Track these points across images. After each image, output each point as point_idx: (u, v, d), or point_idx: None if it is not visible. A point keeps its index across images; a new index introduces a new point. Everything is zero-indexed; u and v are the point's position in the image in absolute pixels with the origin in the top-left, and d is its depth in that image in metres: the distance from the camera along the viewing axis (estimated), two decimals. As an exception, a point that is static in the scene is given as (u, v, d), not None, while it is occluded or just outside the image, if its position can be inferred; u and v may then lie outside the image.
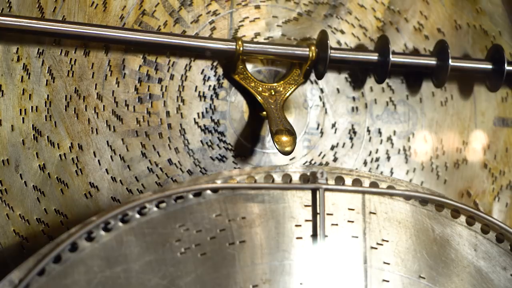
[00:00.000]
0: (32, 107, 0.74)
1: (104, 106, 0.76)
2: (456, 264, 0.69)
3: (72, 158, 0.75)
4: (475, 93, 0.84)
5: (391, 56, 0.79)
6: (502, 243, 0.70)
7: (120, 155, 0.76)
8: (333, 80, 0.81)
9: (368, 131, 0.82)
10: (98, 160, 0.76)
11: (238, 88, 0.79)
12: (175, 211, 0.65)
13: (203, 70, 0.78)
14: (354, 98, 0.82)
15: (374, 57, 0.80)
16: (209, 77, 0.78)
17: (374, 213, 0.69)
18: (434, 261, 0.69)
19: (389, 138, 0.83)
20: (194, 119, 0.78)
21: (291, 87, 0.79)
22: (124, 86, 0.76)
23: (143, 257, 0.64)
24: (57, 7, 0.75)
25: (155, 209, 0.65)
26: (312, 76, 0.80)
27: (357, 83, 0.82)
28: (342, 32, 0.82)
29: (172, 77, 0.77)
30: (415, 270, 0.68)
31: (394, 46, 0.82)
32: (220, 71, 0.78)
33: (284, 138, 0.75)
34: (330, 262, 0.67)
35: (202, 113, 0.78)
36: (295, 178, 0.68)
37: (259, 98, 0.78)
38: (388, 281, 0.68)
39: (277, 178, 0.68)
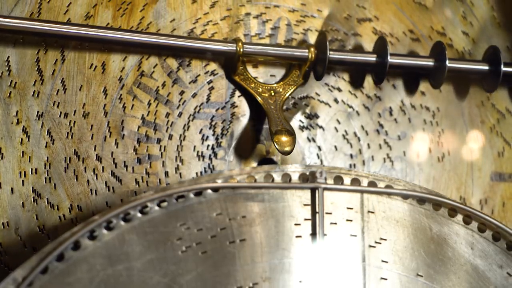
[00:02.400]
0: (31, 169, 0.74)
1: (103, 167, 0.76)
2: (453, 262, 0.69)
3: (72, 219, 0.75)
4: (472, 148, 0.85)
5: (389, 57, 0.80)
6: (499, 242, 0.71)
7: (119, 216, 0.75)
8: (331, 138, 0.81)
9: None
10: None
11: (239, 88, 0.80)
12: (176, 210, 0.66)
13: (201, 129, 0.78)
14: (351, 156, 0.82)
15: (372, 58, 0.81)
16: (207, 137, 0.78)
17: (373, 212, 0.69)
18: (431, 260, 0.69)
19: None
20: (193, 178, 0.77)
21: (290, 87, 0.80)
22: (123, 147, 0.76)
23: (145, 255, 0.64)
24: (56, 69, 0.75)
25: (156, 208, 0.65)
26: (310, 134, 0.80)
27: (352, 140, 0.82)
28: (339, 89, 0.82)
29: (170, 137, 0.77)
30: (413, 268, 0.69)
31: (391, 103, 0.83)
32: (218, 130, 0.78)
33: (284, 138, 0.75)
34: (329, 260, 0.67)
35: (201, 172, 0.78)
36: (295, 177, 0.69)
37: (259, 98, 0.78)
38: (386, 279, 0.68)
39: (277, 177, 0.68)
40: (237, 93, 0.79)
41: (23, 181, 0.74)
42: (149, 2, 0.78)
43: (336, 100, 0.82)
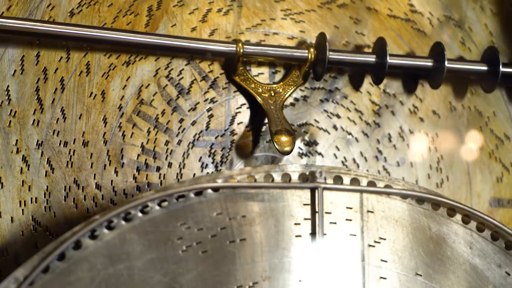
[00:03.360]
0: (31, 198, 0.74)
1: (103, 195, 0.75)
2: (452, 261, 0.70)
3: None
4: (470, 174, 0.85)
5: (388, 57, 0.80)
6: (497, 241, 0.71)
7: (119, 244, 0.75)
8: (330, 164, 0.80)
9: None
10: None
11: (239, 89, 0.80)
12: (177, 209, 0.66)
13: (200, 157, 0.78)
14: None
15: (371, 58, 0.81)
16: (206, 165, 0.78)
17: (372, 212, 0.69)
18: (430, 259, 0.69)
19: None
20: (192, 206, 0.77)
21: (290, 88, 0.80)
22: (123, 175, 0.76)
23: (146, 254, 0.64)
24: (55, 98, 0.75)
25: (157, 207, 0.66)
26: (309, 161, 0.80)
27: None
28: (338, 116, 0.82)
29: (170, 165, 0.77)
30: (412, 267, 0.69)
31: (389, 130, 0.83)
32: (218, 158, 0.78)
33: (284, 138, 0.76)
34: (329, 259, 0.68)
35: None
36: (294, 177, 0.69)
37: (259, 99, 0.79)
38: (385, 278, 0.68)
39: (277, 177, 0.69)
40: (237, 120, 0.79)
41: (23, 210, 0.74)
42: (149, 31, 0.78)
43: (335, 127, 0.82)
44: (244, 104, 0.80)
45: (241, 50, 0.77)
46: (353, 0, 0.83)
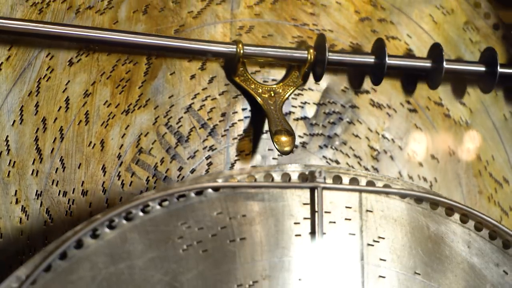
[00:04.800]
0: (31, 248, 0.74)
1: None
2: (450, 260, 0.70)
3: None
4: None
5: (387, 58, 0.81)
6: (495, 240, 0.71)
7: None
8: None
9: None
10: None
11: (239, 89, 0.80)
12: (178, 209, 0.66)
13: None
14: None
15: (370, 59, 0.81)
16: None
17: (371, 211, 0.70)
18: (429, 258, 0.70)
19: None
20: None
21: (290, 88, 0.80)
22: None
23: (146, 253, 0.65)
24: (54, 148, 0.75)
25: (158, 207, 0.66)
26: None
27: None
28: (337, 162, 0.82)
29: None
30: (411, 266, 0.69)
31: (388, 174, 0.83)
32: None
33: (284, 138, 0.76)
34: (328, 258, 0.68)
35: None
36: (294, 177, 0.69)
37: (259, 99, 0.79)
38: (384, 277, 0.69)
39: (277, 177, 0.69)
40: (236, 167, 0.79)
41: (21, 260, 0.74)
42: (148, 79, 0.78)
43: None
44: (243, 151, 0.79)
45: (241, 51, 0.78)
46: (351, 46, 0.83)
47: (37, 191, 0.75)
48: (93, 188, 0.76)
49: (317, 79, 0.81)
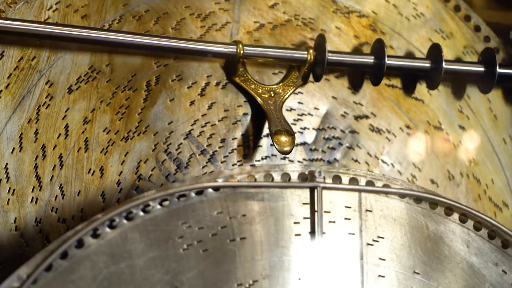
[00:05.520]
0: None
1: None
2: (450, 260, 0.70)
3: None
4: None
5: (386, 58, 0.81)
6: (494, 240, 0.71)
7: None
8: None
9: None
10: None
11: (239, 89, 0.80)
12: (178, 208, 0.66)
13: None
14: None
15: (370, 59, 0.82)
16: None
17: (370, 211, 0.70)
18: (428, 257, 0.70)
19: None
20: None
21: (290, 89, 0.81)
22: None
23: (147, 253, 0.65)
24: (54, 175, 0.75)
25: (158, 207, 0.66)
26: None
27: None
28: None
29: None
30: (410, 266, 0.69)
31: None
32: None
33: (283, 138, 0.76)
34: (328, 258, 0.68)
35: None
36: (294, 177, 0.69)
37: (259, 99, 0.79)
38: (383, 276, 0.69)
39: (277, 177, 0.69)
40: None
41: None
42: (147, 106, 0.78)
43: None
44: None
45: (242, 52, 0.78)
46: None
47: (36, 218, 0.75)
48: (93, 215, 0.74)
49: (317, 79, 0.81)
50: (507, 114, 0.87)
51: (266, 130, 0.80)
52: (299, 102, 0.81)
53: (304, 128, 0.81)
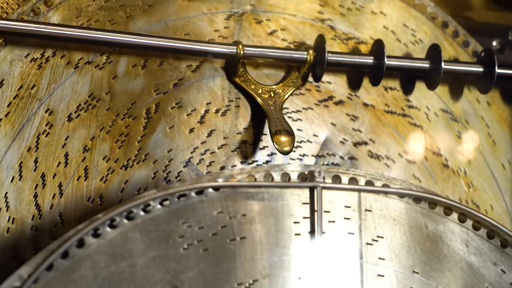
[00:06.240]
0: None
1: None
2: (449, 259, 0.70)
3: None
4: None
5: (386, 59, 0.81)
6: (493, 239, 0.71)
7: None
8: None
9: None
10: None
11: (239, 90, 0.80)
12: (178, 208, 0.66)
13: None
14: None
15: (369, 60, 0.82)
16: None
17: (370, 211, 0.70)
18: (427, 257, 0.70)
19: None
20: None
21: (289, 89, 0.81)
22: None
23: (147, 252, 0.65)
24: (54, 204, 0.75)
25: (159, 206, 0.66)
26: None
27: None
28: None
29: None
30: (409, 265, 0.70)
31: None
32: None
33: (283, 138, 0.76)
34: (327, 257, 0.68)
35: None
36: (294, 176, 0.69)
37: (259, 100, 0.79)
38: (383, 276, 0.69)
39: (276, 176, 0.69)
40: None
41: None
42: (147, 133, 0.77)
43: None
44: None
45: (242, 52, 0.78)
46: (349, 97, 0.83)
47: (36, 247, 0.75)
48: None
49: (317, 79, 0.81)
50: (506, 139, 0.88)
51: (265, 155, 0.80)
52: (298, 129, 0.81)
53: (304, 155, 0.81)
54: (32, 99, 0.76)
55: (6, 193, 0.74)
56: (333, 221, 0.69)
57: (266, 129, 0.80)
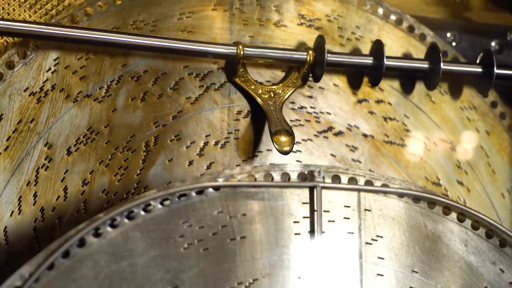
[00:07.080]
0: None
1: None
2: (448, 259, 0.70)
3: None
4: None
5: (385, 59, 0.81)
6: (492, 239, 0.71)
7: None
8: None
9: None
10: None
11: (239, 90, 0.81)
12: (179, 208, 0.66)
13: None
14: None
15: (369, 60, 0.82)
16: None
17: (369, 210, 0.70)
18: (426, 256, 0.70)
19: None
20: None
21: (289, 89, 0.81)
22: None
23: (148, 252, 0.65)
24: (54, 237, 0.75)
25: (159, 206, 0.66)
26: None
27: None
28: None
29: None
30: (408, 264, 0.70)
31: None
32: None
33: (283, 138, 0.77)
34: (327, 257, 0.68)
35: None
36: (294, 176, 0.69)
37: (259, 100, 0.80)
38: (382, 275, 0.69)
39: (276, 176, 0.69)
40: None
41: None
42: (146, 166, 0.77)
43: None
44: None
45: (242, 52, 0.78)
46: (349, 128, 0.83)
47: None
48: None
49: (317, 80, 0.82)
50: (505, 169, 0.88)
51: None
52: (297, 161, 0.81)
53: None
54: (31, 133, 0.76)
55: (6, 227, 0.74)
56: (333, 221, 0.69)
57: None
